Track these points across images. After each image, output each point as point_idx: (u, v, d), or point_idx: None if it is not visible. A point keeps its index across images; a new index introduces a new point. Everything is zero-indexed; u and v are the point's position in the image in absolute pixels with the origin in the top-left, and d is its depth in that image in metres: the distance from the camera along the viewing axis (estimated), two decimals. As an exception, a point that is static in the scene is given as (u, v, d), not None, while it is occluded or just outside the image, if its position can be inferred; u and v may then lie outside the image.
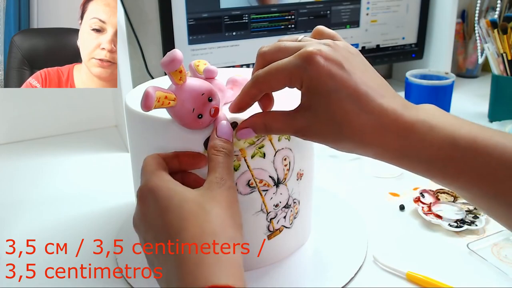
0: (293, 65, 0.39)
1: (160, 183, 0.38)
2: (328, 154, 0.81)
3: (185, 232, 0.35)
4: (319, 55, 0.38)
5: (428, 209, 0.61)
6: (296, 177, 0.51)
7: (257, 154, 0.47)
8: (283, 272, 0.51)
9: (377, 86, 0.39)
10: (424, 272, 0.50)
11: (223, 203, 0.38)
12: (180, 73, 0.41)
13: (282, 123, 0.42)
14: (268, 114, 0.43)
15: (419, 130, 0.37)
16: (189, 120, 0.43)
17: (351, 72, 0.38)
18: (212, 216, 0.36)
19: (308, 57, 0.38)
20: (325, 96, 0.38)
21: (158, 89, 0.40)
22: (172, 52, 0.40)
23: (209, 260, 0.34)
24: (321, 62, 0.38)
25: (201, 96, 0.42)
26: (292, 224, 0.52)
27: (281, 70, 0.40)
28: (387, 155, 0.39)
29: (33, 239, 0.59)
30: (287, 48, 0.41)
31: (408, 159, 0.38)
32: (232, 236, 0.36)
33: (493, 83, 0.94)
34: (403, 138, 0.37)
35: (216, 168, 0.40)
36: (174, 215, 0.36)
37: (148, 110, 0.40)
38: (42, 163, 0.82)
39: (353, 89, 0.38)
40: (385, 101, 0.38)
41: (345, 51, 0.40)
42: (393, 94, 0.39)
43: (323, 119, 0.39)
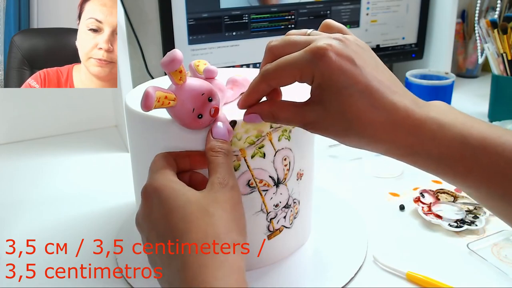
0: (304, 60, 0.38)
1: (165, 182, 0.38)
2: (328, 154, 0.81)
3: (189, 235, 0.35)
4: (330, 50, 0.38)
5: (428, 209, 0.61)
6: (296, 177, 0.51)
7: (257, 154, 0.47)
8: (283, 272, 0.51)
9: (388, 81, 0.39)
10: (424, 272, 0.50)
11: (227, 205, 0.37)
12: (180, 73, 0.41)
13: (291, 114, 0.41)
14: (277, 103, 0.43)
15: (429, 128, 0.37)
16: (189, 120, 0.43)
17: (362, 67, 0.38)
18: (215, 219, 0.36)
19: (319, 52, 0.38)
20: (337, 92, 0.38)
21: (158, 89, 0.40)
22: (172, 52, 0.40)
23: (212, 263, 0.34)
24: (332, 58, 0.37)
25: (201, 96, 0.42)
26: (292, 224, 0.52)
27: (291, 65, 0.39)
28: (397, 151, 0.39)
29: (33, 239, 0.59)
30: (296, 42, 0.41)
31: (418, 156, 0.38)
32: (235, 239, 0.36)
33: (493, 83, 0.94)
34: (413, 135, 0.37)
35: (217, 169, 0.40)
36: (178, 216, 0.36)
37: (148, 110, 0.40)
38: (42, 163, 0.82)
39: (365, 85, 0.38)
40: (396, 97, 0.38)
41: (355, 46, 0.39)
42: (403, 90, 0.39)
43: (334, 114, 0.39)
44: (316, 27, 0.44)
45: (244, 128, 0.45)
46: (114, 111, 0.96)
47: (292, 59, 0.39)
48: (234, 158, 0.46)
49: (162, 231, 0.36)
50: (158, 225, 0.37)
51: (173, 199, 0.37)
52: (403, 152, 0.39)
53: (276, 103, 0.43)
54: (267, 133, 0.46)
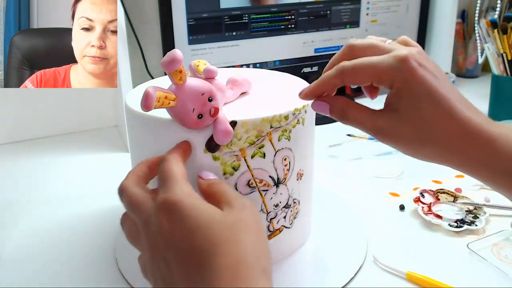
0: (387, 64, 0.39)
1: (183, 197, 0.35)
2: (328, 154, 0.81)
3: (217, 258, 0.32)
4: (414, 59, 0.39)
5: (428, 209, 0.61)
6: (296, 177, 0.51)
7: (257, 154, 0.47)
8: (283, 272, 0.51)
9: (462, 99, 0.40)
10: (424, 272, 0.50)
11: (252, 228, 0.35)
12: (180, 73, 0.41)
13: (363, 116, 0.42)
14: (351, 102, 0.43)
15: (503, 143, 0.38)
16: (189, 120, 0.43)
17: (441, 79, 0.40)
18: (245, 245, 0.33)
19: (404, 59, 0.39)
20: (417, 100, 0.39)
21: (158, 89, 0.40)
22: (172, 52, 0.40)
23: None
24: (416, 66, 0.39)
25: (201, 96, 0.42)
26: (292, 224, 0.52)
27: (373, 67, 0.40)
28: (469, 163, 0.40)
29: (33, 239, 0.59)
30: (378, 46, 0.42)
31: (490, 170, 0.39)
32: (266, 267, 0.33)
33: (493, 83, 0.94)
34: (487, 148, 0.38)
35: (227, 193, 0.38)
36: (202, 237, 0.33)
37: (148, 110, 0.39)
38: (42, 163, 0.82)
39: (444, 96, 0.39)
40: (471, 113, 0.39)
41: (432, 62, 0.41)
42: (476, 109, 0.41)
43: (411, 122, 0.39)
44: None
45: (244, 128, 0.45)
46: (114, 111, 0.96)
47: (374, 61, 0.40)
48: (234, 158, 0.46)
49: (184, 251, 0.33)
50: (179, 244, 0.33)
51: (195, 217, 0.34)
52: (476, 164, 0.40)
53: (352, 103, 0.43)
54: (267, 133, 0.46)
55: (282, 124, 0.47)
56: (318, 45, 1.01)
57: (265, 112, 0.46)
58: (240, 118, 0.45)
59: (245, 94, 0.52)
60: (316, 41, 1.00)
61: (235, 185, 0.47)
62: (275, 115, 0.46)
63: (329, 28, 1.01)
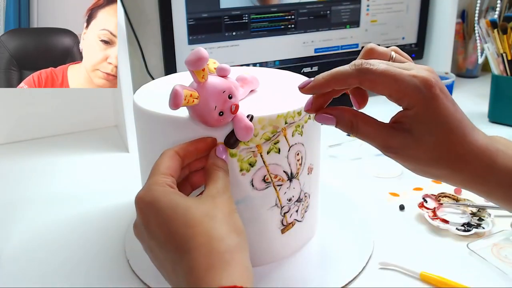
0: (412, 85, 0.38)
1: (159, 194, 0.38)
2: (328, 154, 0.81)
3: (193, 240, 0.36)
4: (436, 85, 0.39)
5: (433, 214, 0.61)
6: (307, 171, 0.51)
7: (273, 149, 0.47)
8: (292, 268, 0.52)
9: (468, 121, 0.41)
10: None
11: (225, 210, 0.39)
12: (203, 71, 0.41)
13: (374, 132, 0.41)
14: (361, 114, 0.42)
15: (501, 160, 0.39)
16: (210, 118, 0.43)
17: (454, 104, 0.40)
18: (217, 223, 0.37)
19: (429, 84, 0.38)
20: (435, 126, 0.39)
21: (184, 88, 0.40)
22: (198, 50, 0.40)
23: (218, 265, 0.34)
24: (439, 94, 0.39)
25: (222, 93, 0.43)
26: (304, 217, 0.53)
27: (396, 81, 0.38)
28: (473, 181, 0.40)
29: (34, 239, 0.59)
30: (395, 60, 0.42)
31: (489, 185, 0.40)
32: (238, 240, 0.37)
33: (493, 83, 0.94)
34: (489, 166, 0.39)
35: (217, 180, 0.41)
36: (179, 223, 0.37)
37: (176, 108, 0.40)
38: (42, 163, 0.82)
39: (459, 121, 0.39)
40: (475, 134, 0.40)
41: (443, 84, 0.41)
42: (476, 127, 0.41)
43: (425, 145, 0.39)
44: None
45: (261, 124, 0.45)
46: (114, 111, 0.96)
47: (400, 76, 0.38)
48: (251, 154, 0.46)
49: (163, 240, 0.37)
50: (158, 234, 0.37)
51: (171, 209, 0.37)
52: (477, 181, 0.40)
53: (360, 114, 0.42)
54: (282, 128, 0.47)
55: (296, 120, 0.48)
56: (318, 45, 1.01)
57: (280, 109, 0.46)
58: (256, 114, 0.45)
59: (253, 92, 0.53)
60: (316, 41, 1.00)
61: (251, 181, 0.47)
62: (289, 111, 0.47)
63: (329, 28, 1.01)
